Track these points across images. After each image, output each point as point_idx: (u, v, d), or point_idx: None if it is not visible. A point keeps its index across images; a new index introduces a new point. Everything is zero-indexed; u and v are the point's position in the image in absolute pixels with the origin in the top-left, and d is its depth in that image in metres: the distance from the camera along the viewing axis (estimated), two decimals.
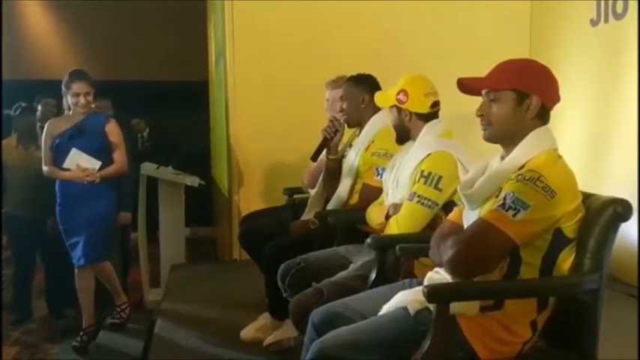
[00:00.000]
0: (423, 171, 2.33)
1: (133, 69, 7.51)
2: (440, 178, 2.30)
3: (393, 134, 2.76)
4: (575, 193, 1.71)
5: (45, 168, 3.81)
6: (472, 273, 1.69)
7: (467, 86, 1.82)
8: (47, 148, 3.79)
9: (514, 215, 1.62)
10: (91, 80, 3.74)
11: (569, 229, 1.69)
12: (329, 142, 2.90)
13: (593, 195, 1.77)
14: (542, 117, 1.76)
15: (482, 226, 1.66)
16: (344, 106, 2.94)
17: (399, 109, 2.48)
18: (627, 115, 3.86)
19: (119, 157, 3.83)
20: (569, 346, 1.74)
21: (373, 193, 2.69)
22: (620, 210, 1.67)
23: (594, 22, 4.22)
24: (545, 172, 1.65)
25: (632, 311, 3.27)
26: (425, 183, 2.30)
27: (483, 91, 1.80)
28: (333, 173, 2.94)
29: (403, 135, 2.51)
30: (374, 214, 2.54)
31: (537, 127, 1.75)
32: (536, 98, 1.73)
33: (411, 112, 2.46)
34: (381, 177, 2.72)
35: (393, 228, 2.35)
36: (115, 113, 4.51)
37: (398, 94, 2.47)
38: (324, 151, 2.98)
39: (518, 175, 1.68)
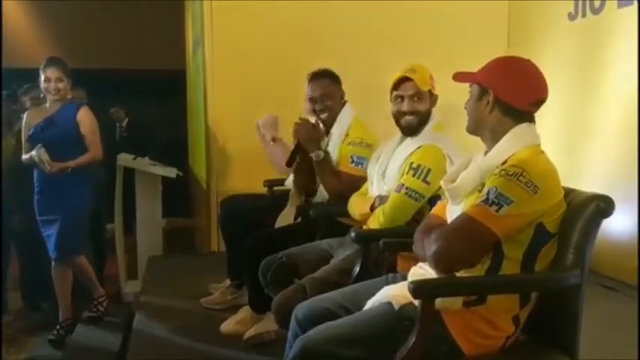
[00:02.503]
0: (412, 163, 2.33)
1: (108, 57, 7.40)
2: (429, 170, 2.30)
3: (363, 124, 2.87)
4: (558, 189, 1.73)
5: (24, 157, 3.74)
6: (455, 267, 1.70)
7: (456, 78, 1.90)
8: (25, 140, 3.74)
9: (497, 210, 1.63)
10: (65, 67, 3.68)
11: (551, 224, 1.70)
12: (301, 146, 2.88)
13: (575, 190, 1.79)
14: (509, 113, 1.77)
15: (466, 221, 1.67)
16: (327, 103, 2.94)
17: (431, 95, 2.44)
18: (605, 107, 3.91)
19: (92, 144, 3.74)
20: (551, 340, 1.76)
21: (346, 179, 2.73)
22: (603, 206, 1.69)
23: (572, 17, 4.25)
24: (528, 167, 1.67)
25: (606, 302, 3.35)
26: (413, 175, 2.30)
27: None
28: (308, 169, 2.91)
29: (422, 123, 2.42)
30: (356, 205, 2.53)
31: (503, 123, 1.77)
32: (492, 93, 1.76)
33: (436, 98, 2.46)
34: (355, 164, 2.75)
35: (379, 219, 2.35)
36: (92, 102, 4.44)
37: (430, 78, 2.42)
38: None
39: (501, 170, 1.69)
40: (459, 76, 1.87)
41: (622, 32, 3.78)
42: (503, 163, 1.72)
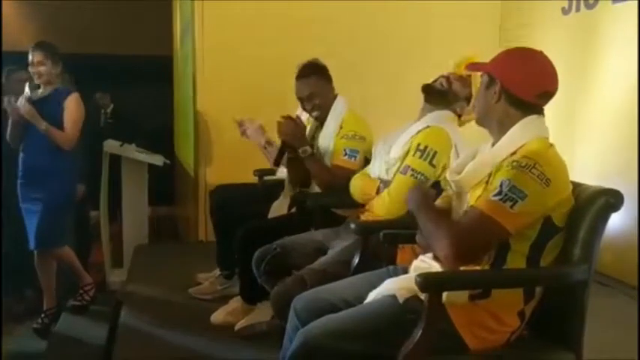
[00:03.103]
0: (419, 144, 2.32)
1: (94, 42, 7.25)
2: (435, 153, 2.30)
3: (357, 117, 2.87)
4: (568, 182, 1.71)
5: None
6: (466, 264, 1.67)
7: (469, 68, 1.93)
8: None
9: (512, 206, 1.60)
10: (49, 50, 3.60)
11: (559, 218, 1.68)
12: (287, 144, 2.85)
13: (582, 184, 1.77)
14: (515, 104, 1.74)
15: (480, 219, 1.63)
16: (316, 102, 2.90)
17: (469, 96, 2.47)
18: (599, 103, 3.89)
19: (69, 127, 3.62)
20: (556, 336, 1.74)
21: (339, 173, 2.72)
22: (612, 200, 1.67)
23: (566, 11, 4.24)
24: (540, 159, 1.64)
25: (604, 301, 3.32)
26: (420, 157, 2.30)
27: None
28: (299, 164, 2.87)
29: (444, 99, 2.45)
30: (359, 185, 2.53)
31: (510, 114, 1.75)
32: (499, 83, 1.74)
33: (467, 102, 2.50)
34: (349, 157, 2.75)
35: (385, 201, 2.34)
36: (77, 87, 4.33)
37: (474, 88, 2.45)
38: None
39: (513, 161, 1.66)
40: (472, 66, 1.88)
41: (616, 27, 3.77)
42: (512, 155, 1.69)
